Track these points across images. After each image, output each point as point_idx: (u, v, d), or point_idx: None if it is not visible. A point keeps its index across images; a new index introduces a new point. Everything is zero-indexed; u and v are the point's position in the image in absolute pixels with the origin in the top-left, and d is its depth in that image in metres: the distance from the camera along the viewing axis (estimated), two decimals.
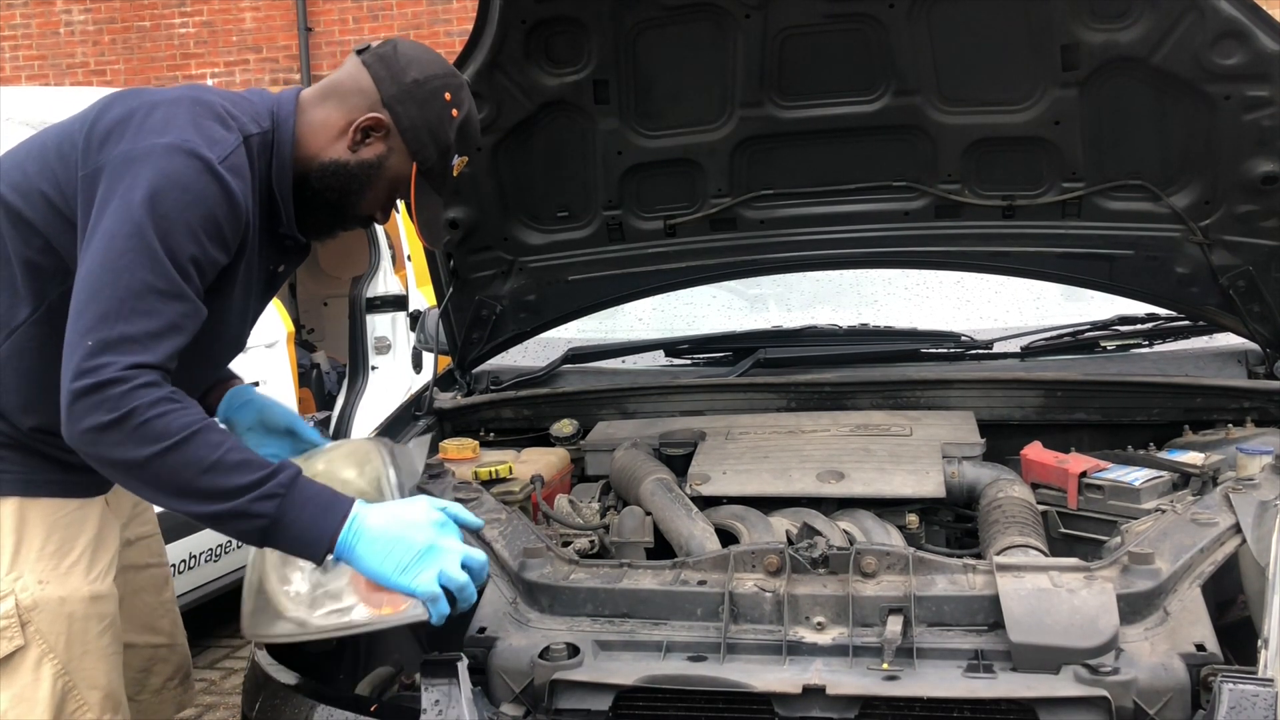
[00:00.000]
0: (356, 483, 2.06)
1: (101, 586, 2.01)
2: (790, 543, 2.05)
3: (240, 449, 1.78)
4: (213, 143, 1.82)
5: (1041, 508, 2.35)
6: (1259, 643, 1.73)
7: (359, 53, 2.01)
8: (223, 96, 1.96)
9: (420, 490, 2.28)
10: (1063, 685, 1.74)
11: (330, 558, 1.80)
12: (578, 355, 3.12)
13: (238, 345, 2.14)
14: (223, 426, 1.82)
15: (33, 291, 1.88)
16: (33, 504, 1.94)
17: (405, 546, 1.79)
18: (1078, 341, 2.99)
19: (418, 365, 5.18)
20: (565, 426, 2.82)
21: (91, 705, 1.99)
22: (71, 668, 1.96)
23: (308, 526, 1.78)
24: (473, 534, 2.19)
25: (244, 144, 1.88)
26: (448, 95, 1.99)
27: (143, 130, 1.82)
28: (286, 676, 2.09)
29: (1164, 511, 2.15)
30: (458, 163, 2.06)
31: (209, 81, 11.68)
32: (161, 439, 1.70)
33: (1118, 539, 2.18)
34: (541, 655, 1.89)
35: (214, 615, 4.28)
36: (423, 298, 5.47)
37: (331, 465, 2.11)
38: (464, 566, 1.82)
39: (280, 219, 2.00)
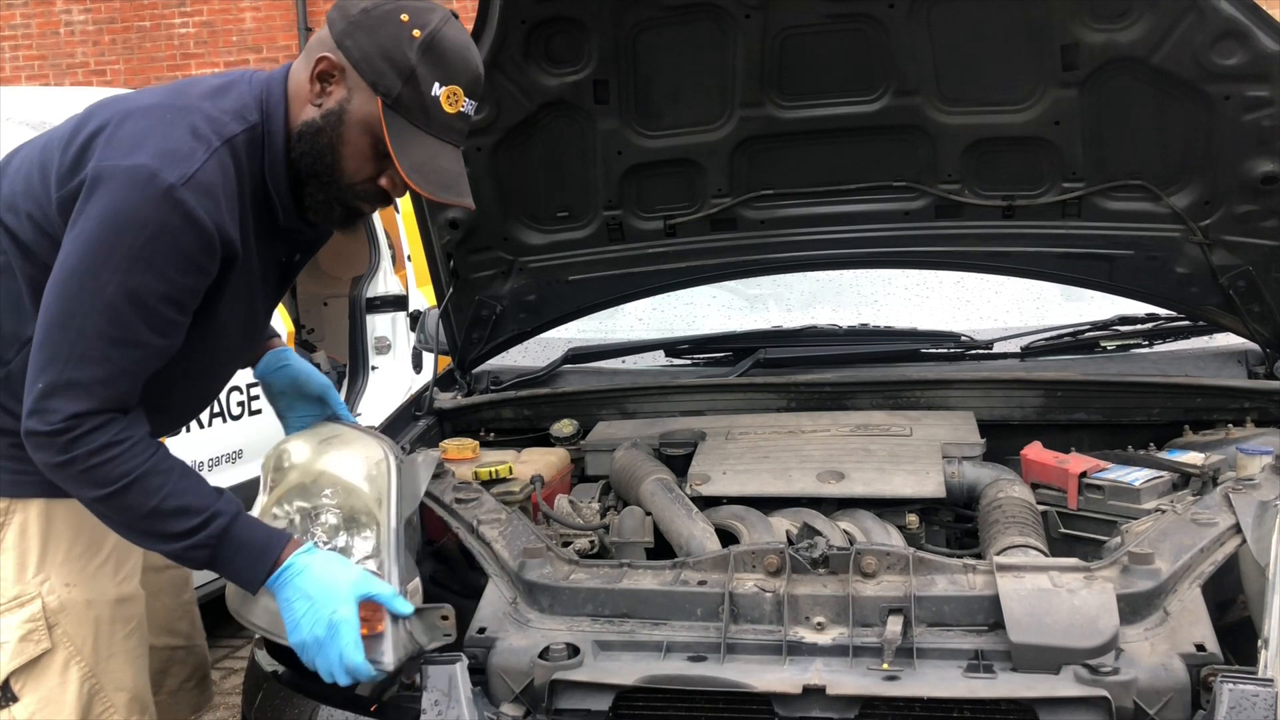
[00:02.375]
0: (364, 493, 2.03)
1: (129, 588, 2.03)
2: (790, 543, 2.04)
3: (179, 493, 1.80)
4: (177, 160, 1.73)
5: (1041, 508, 2.35)
6: (1259, 643, 1.73)
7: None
8: (205, 95, 1.86)
9: (429, 496, 2.27)
10: (1063, 685, 1.74)
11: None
12: (578, 355, 3.12)
13: (251, 341, 2.13)
14: (173, 458, 1.83)
15: (37, 309, 1.86)
16: (59, 505, 1.94)
17: (340, 594, 1.82)
18: (1078, 341, 2.99)
19: (418, 365, 5.18)
20: (565, 426, 2.82)
21: (118, 707, 2.00)
22: (98, 670, 1.97)
23: (238, 571, 1.87)
24: (471, 533, 2.19)
25: (226, 146, 1.80)
26: (404, 16, 1.81)
27: (111, 145, 1.77)
28: (286, 675, 2.09)
29: (1164, 511, 2.15)
30: (444, 92, 1.83)
31: None
32: (101, 485, 1.76)
33: (1118, 539, 2.18)
34: (541, 655, 1.89)
35: (214, 615, 4.28)
36: (423, 298, 5.47)
37: (342, 462, 2.08)
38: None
39: (276, 214, 1.93)
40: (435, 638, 1.91)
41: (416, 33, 1.80)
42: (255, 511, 2.04)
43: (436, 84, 1.82)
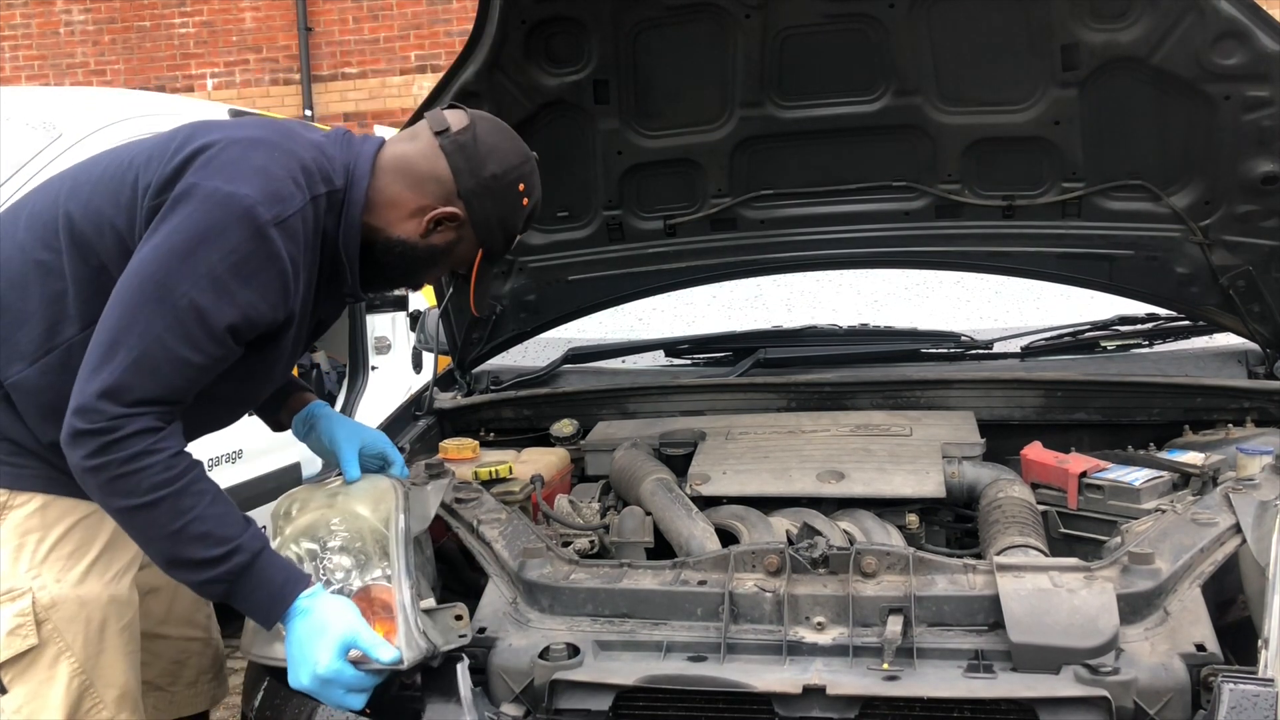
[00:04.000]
0: (369, 519, 2.03)
1: (119, 589, 2.02)
2: (790, 543, 2.04)
3: (207, 519, 1.78)
4: (277, 200, 1.79)
5: (1041, 508, 2.35)
6: (1259, 643, 1.73)
7: (438, 133, 1.96)
8: (307, 147, 1.91)
9: (446, 510, 2.25)
10: (1063, 685, 1.74)
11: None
12: (578, 355, 3.12)
13: (282, 379, 2.16)
14: (210, 481, 1.83)
15: (81, 312, 1.88)
16: (55, 502, 1.95)
17: (321, 646, 1.82)
18: (1078, 341, 2.99)
19: (418, 365, 5.17)
20: (565, 426, 2.82)
21: (107, 704, 2.00)
22: (89, 666, 1.97)
23: (253, 609, 1.85)
24: (471, 533, 2.19)
25: (311, 204, 1.86)
26: (521, 186, 2.00)
27: (212, 166, 1.80)
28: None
29: (1164, 511, 2.14)
30: (520, 236, 2.08)
31: (209, 82, 11.68)
32: (131, 495, 1.75)
33: (1118, 539, 2.18)
34: (541, 655, 1.89)
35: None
36: (423, 298, 5.46)
37: (348, 498, 2.08)
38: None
39: (344, 278, 1.99)
40: (450, 639, 1.91)
41: (525, 201, 2.01)
42: None
43: (519, 234, 2.07)
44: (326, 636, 1.81)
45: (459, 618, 1.92)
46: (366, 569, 1.99)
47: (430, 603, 2.00)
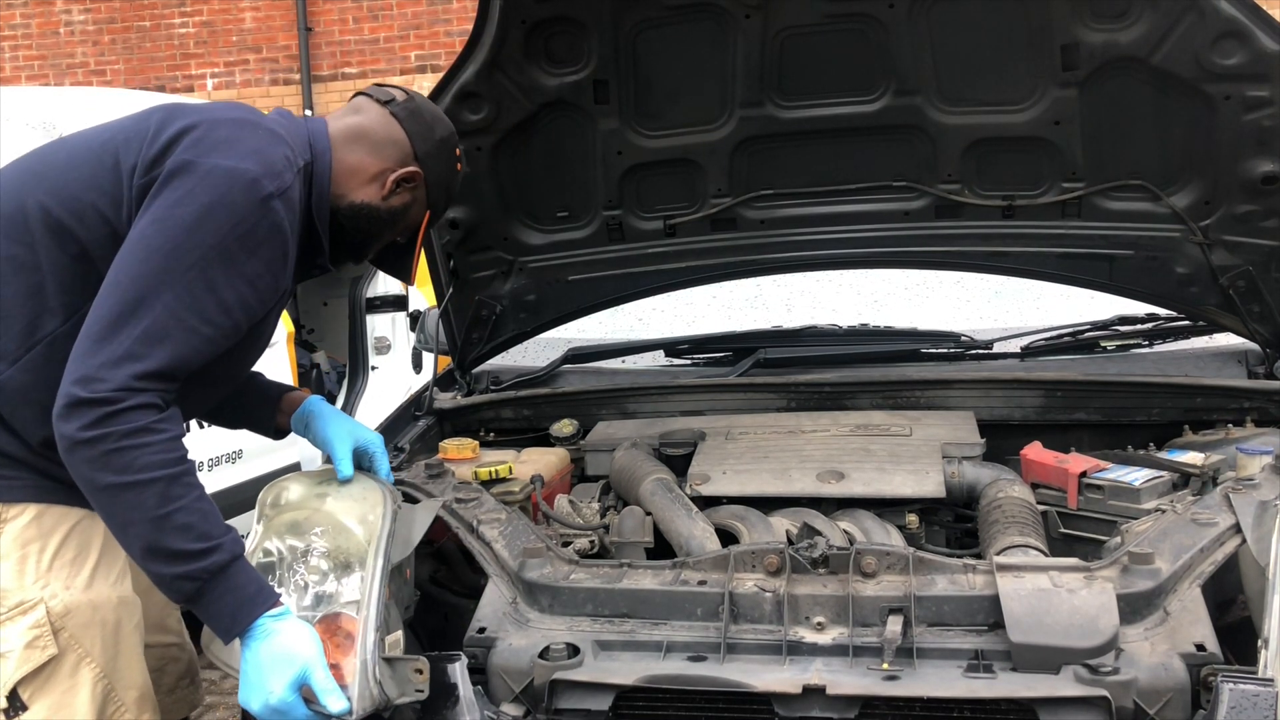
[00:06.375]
0: (355, 535, 2.00)
1: (124, 589, 2.01)
2: (790, 543, 2.05)
3: (193, 511, 1.75)
4: (275, 174, 1.83)
5: (1041, 508, 2.35)
6: (1259, 643, 1.73)
7: (384, 103, 2.06)
8: (278, 124, 1.95)
9: (446, 510, 2.24)
10: (1063, 685, 1.74)
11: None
12: (578, 355, 3.12)
13: (258, 357, 2.16)
14: (199, 480, 1.80)
15: (63, 304, 1.86)
16: (48, 510, 1.92)
17: (277, 677, 1.78)
18: (1078, 341, 2.99)
19: (418, 365, 5.18)
20: (565, 426, 2.82)
21: (129, 705, 1.99)
22: (109, 670, 1.95)
23: (219, 614, 1.80)
24: (471, 533, 2.19)
25: (298, 176, 1.90)
26: (458, 151, 2.13)
27: (204, 145, 1.82)
28: None
29: (1164, 511, 2.14)
30: None
31: (209, 82, 11.68)
32: (124, 472, 1.71)
33: (1118, 539, 2.18)
34: (541, 655, 1.89)
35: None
36: (423, 298, 5.47)
37: (338, 501, 2.05)
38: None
39: (319, 248, 2.03)
40: (407, 691, 1.88)
41: (459, 166, 2.15)
42: (248, 545, 1.99)
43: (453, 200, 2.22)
44: (285, 667, 1.78)
45: (419, 671, 1.89)
46: (342, 581, 1.96)
47: (398, 637, 1.96)
